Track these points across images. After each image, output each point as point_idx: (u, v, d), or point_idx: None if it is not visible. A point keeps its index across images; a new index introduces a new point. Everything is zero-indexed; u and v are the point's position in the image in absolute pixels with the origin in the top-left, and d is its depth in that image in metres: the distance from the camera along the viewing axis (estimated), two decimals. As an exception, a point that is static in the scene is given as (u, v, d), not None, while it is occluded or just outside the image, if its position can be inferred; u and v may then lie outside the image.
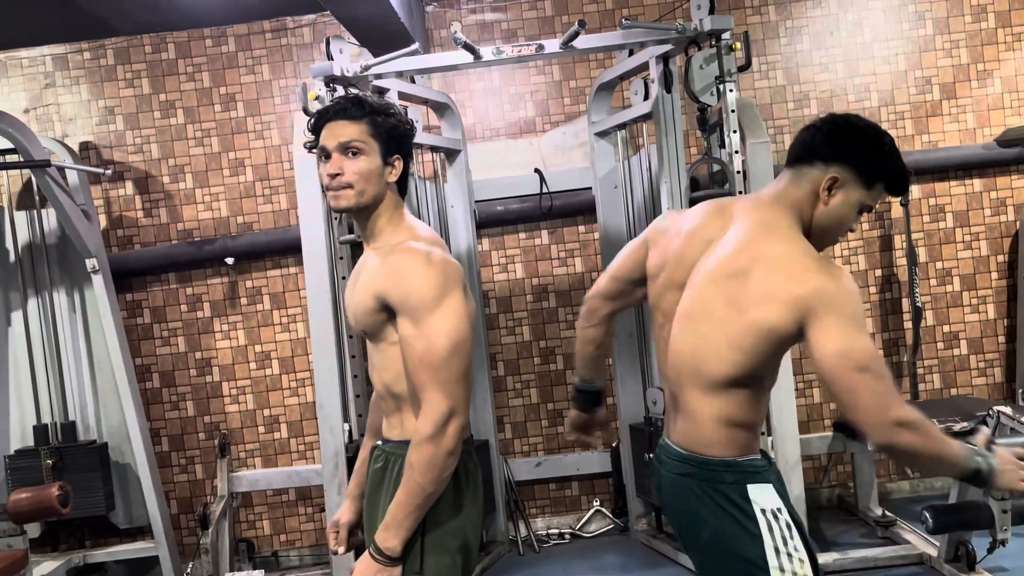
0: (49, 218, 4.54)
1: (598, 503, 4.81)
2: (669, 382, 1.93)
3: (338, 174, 1.90)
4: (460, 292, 1.87)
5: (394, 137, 1.95)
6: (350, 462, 3.75)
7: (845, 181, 1.79)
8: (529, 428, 4.86)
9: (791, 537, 1.81)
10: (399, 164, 1.96)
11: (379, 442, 2.03)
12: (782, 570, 1.78)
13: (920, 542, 3.93)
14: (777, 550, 1.79)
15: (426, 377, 1.80)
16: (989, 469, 1.75)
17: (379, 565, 1.80)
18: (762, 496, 1.82)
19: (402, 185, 2.00)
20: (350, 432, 3.81)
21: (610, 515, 4.77)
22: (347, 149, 1.90)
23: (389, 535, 1.80)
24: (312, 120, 1.98)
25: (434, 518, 1.86)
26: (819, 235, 1.83)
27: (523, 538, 4.60)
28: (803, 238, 1.80)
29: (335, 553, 2.22)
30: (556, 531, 4.74)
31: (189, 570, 4.41)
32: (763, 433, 2.34)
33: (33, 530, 4.30)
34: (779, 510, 1.82)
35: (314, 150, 2.00)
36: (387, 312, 1.86)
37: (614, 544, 4.56)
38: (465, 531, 1.92)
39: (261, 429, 4.83)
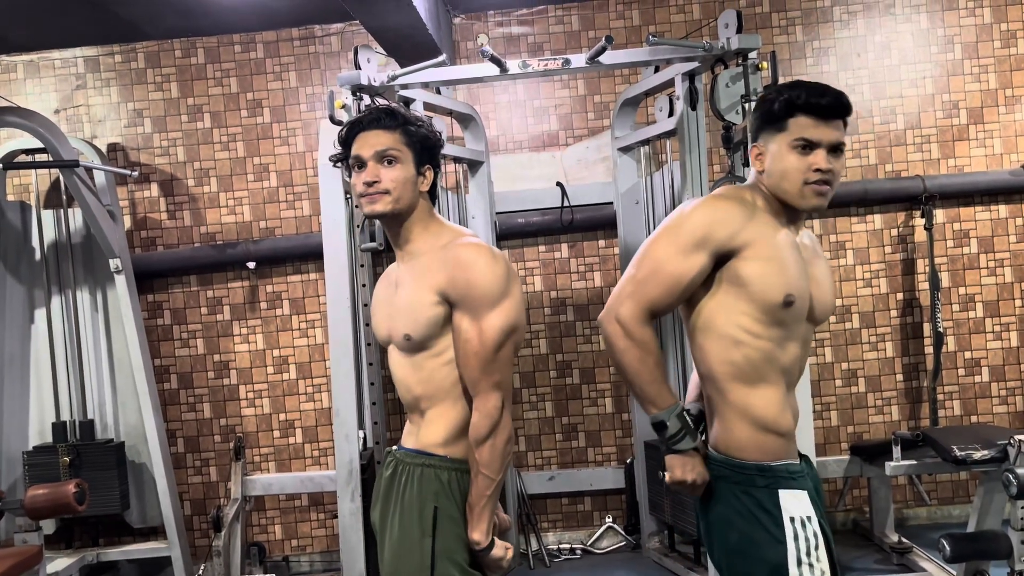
0: (75, 217, 4.59)
1: (610, 519, 4.79)
2: None
3: (376, 181, 1.92)
4: (518, 288, 1.93)
5: (427, 148, 1.98)
6: (364, 469, 3.76)
7: (764, 143, 1.89)
8: (543, 441, 4.84)
9: (815, 547, 1.80)
10: (430, 174, 2.00)
11: (393, 447, 2.04)
12: None
13: (936, 570, 3.88)
14: (799, 561, 1.78)
15: (479, 372, 1.86)
16: (672, 436, 1.86)
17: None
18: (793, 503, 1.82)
19: (432, 195, 2.03)
20: (365, 439, 3.82)
21: (622, 532, 4.74)
22: (383, 158, 1.93)
23: (472, 528, 1.89)
24: (344, 130, 2.00)
25: (444, 530, 1.87)
26: (776, 192, 1.88)
27: (534, 552, 4.58)
28: (728, 186, 1.98)
29: None
30: (567, 546, 4.72)
31: (201, 572, 4.43)
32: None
33: (48, 526, 4.34)
34: (809, 519, 1.81)
35: (339, 163, 2.02)
36: (447, 306, 1.89)
37: (625, 561, 4.53)
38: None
39: (276, 433, 4.84)
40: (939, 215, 4.70)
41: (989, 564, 3.50)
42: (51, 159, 4.16)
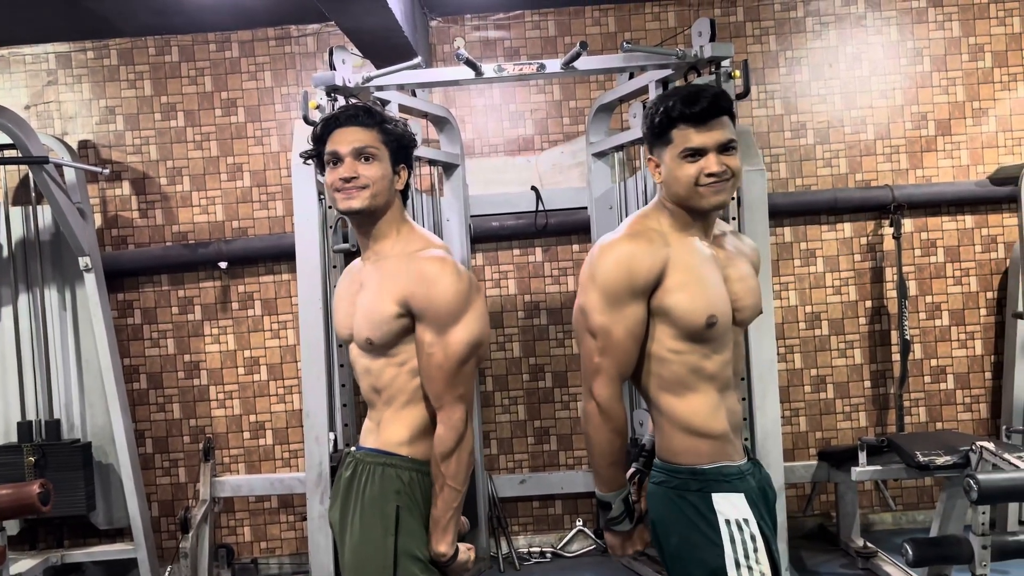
0: (44, 215, 4.54)
1: (581, 523, 4.81)
2: None
3: (354, 177, 1.92)
4: (481, 302, 1.94)
5: (402, 147, 1.99)
6: (334, 471, 3.74)
7: (658, 156, 1.92)
8: (515, 445, 4.85)
9: (754, 550, 1.82)
10: (404, 174, 2.00)
11: (352, 448, 2.03)
12: None
13: (900, 574, 3.93)
14: (737, 563, 1.80)
15: (443, 386, 1.87)
16: (614, 517, 1.96)
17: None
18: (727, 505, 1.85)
19: (404, 195, 2.03)
20: (335, 441, 3.81)
21: (592, 536, 4.76)
22: (361, 154, 1.93)
23: (438, 541, 1.90)
24: (319, 125, 1.99)
25: (406, 529, 1.88)
26: (676, 200, 1.91)
27: (504, 555, 4.59)
28: (635, 219, 1.96)
29: None
30: (538, 549, 4.73)
31: (167, 574, 4.38)
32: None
33: (12, 527, 4.27)
34: (746, 521, 1.84)
35: (311, 160, 2.01)
36: (409, 318, 1.89)
37: (595, 565, 4.55)
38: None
39: (246, 435, 4.81)
40: (907, 224, 4.77)
41: (951, 568, 3.56)
42: (20, 155, 4.11)
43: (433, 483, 1.91)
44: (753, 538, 1.82)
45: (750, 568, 1.80)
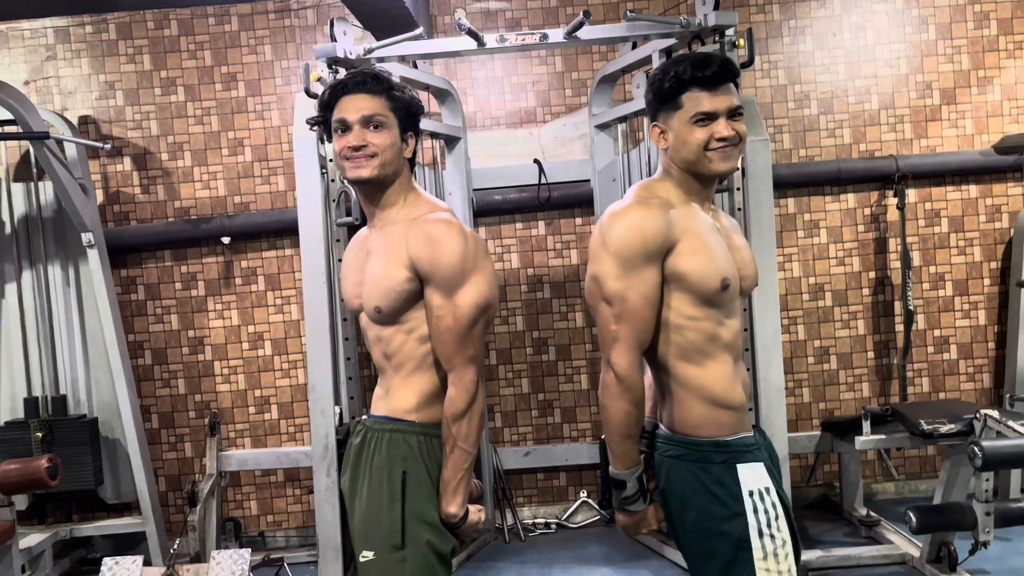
0: (46, 191, 4.53)
1: (585, 494, 4.84)
2: None
3: (363, 145, 1.90)
4: (489, 263, 1.93)
5: (410, 114, 1.98)
6: (340, 444, 3.76)
7: (664, 122, 1.92)
8: (519, 417, 4.87)
9: (775, 517, 1.83)
10: (412, 141, 1.99)
11: (363, 417, 2.04)
12: (764, 551, 1.81)
13: (903, 542, 3.96)
14: (760, 532, 1.82)
15: (453, 348, 1.87)
16: (628, 496, 1.90)
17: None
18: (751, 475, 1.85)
19: (411, 163, 2.02)
20: (341, 415, 3.82)
21: (596, 506, 4.79)
22: (369, 122, 1.92)
23: (448, 502, 1.90)
24: (327, 92, 1.97)
25: (414, 493, 1.89)
26: (684, 166, 1.91)
27: (509, 526, 4.62)
28: (641, 188, 1.96)
29: None
30: (542, 520, 4.76)
31: (175, 547, 4.40)
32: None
33: (21, 502, 4.31)
34: (767, 490, 1.85)
35: (317, 127, 2.00)
36: (417, 282, 1.89)
37: (599, 535, 4.59)
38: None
39: (252, 409, 4.83)
40: (911, 195, 4.76)
41: (954, 535, 3.59)
42: (21, 131, 4.10)
43: (443, 445, 1.91)
44: (774, 505, 1.83)
45: (772, 536, 1.81)
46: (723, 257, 1.88)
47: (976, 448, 3.01)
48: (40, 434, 4.29)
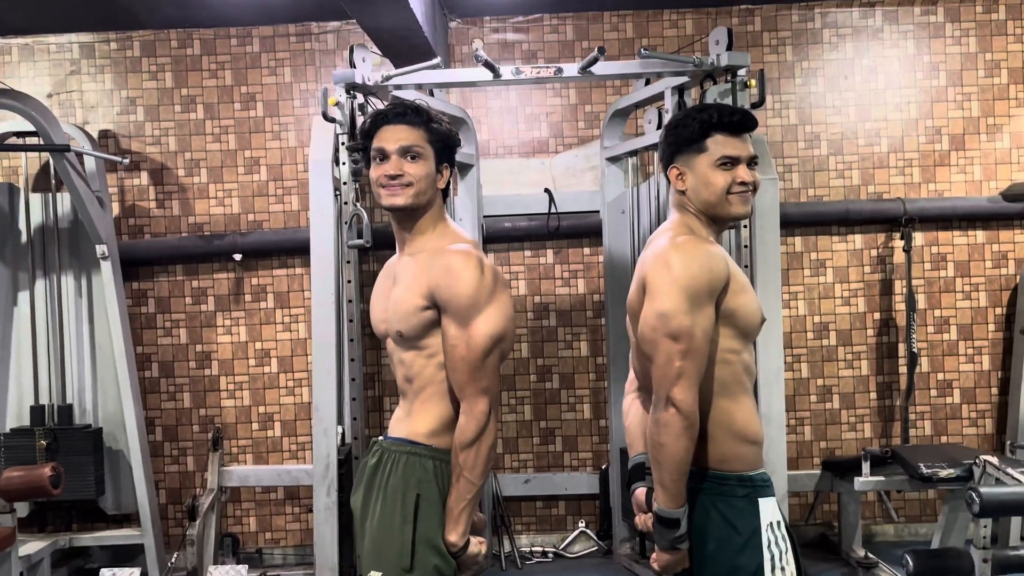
0: (63, 202, 4.60)
1: (583, 524, 4.83)
2: None
3: (400, 174, 1.97)
4: (506, 296, 1.96)
5: (447, 147, 2.04)
6: (341, 464, 3.78)
7: (684, 164, 1.97)
8: (520, 444, 4.88)
9: (785, 551, 1.88)
10: (447, 172, 2.05)
11: (380, 437, 2.07)
12: None
13: (900, 586, 3.95)
14: (772, 566, 1.85)
15: (466, 377, 1.90)
16: (680, 536, 1.87)
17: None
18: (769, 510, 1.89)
19: (444, 193, 2.07)
20: (343, 435, 3.84)
21: (595, 537, 4.79)
22: (407, 152, 1.98)
23: (450, 530, 1.91)
24: (368, 121, 2.05)
25: (426, 517, 1.91)
26: (704, 208, 1.97)
27: (507, 554, 4.62)
28: (678, 225, 1.97)
29: None
30: (540, 549, 4.76)
31: (173, 560, 4.43)
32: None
33: (21, 509, 4.32)
34: (779, 523, 1.90)
35: (357, 152, 2.07)
36: (434, 310, 1.93)
37: (596, 566, 4.58)
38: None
39: (255, 426, 4.86)
40: (918, 238, 4.79)
41: (951, 581, 3.57)
42: (42, 143, 4.17)
43: (447, 475, 1.94)
44: (784, 540, 1.89)
45: (782, 569, 1.87)
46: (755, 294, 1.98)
47: (974, 494, 3.01)
48: (44, 442, 4.31)
